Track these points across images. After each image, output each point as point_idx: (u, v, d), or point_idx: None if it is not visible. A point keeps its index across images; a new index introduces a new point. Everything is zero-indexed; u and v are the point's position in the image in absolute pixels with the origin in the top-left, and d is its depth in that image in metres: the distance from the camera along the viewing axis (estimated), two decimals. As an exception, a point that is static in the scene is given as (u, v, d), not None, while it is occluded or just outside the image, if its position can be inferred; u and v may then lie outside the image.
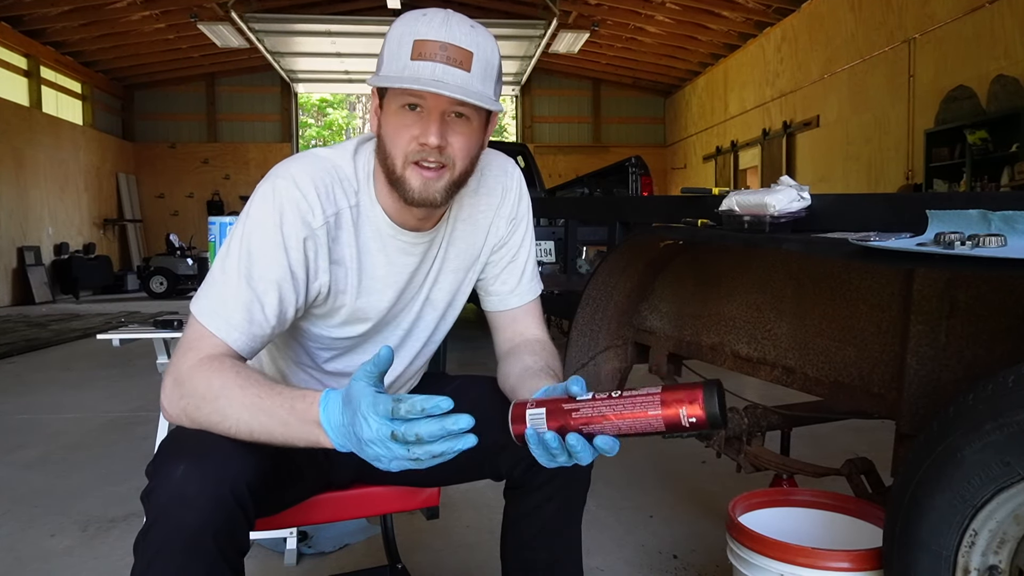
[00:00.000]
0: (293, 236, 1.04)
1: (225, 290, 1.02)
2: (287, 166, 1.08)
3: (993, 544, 1.02)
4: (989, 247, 1.00)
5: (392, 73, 1.00)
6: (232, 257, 1.03)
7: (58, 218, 11.51)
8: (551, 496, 1.21)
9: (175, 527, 0.90)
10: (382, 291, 1.16)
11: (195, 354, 0.98)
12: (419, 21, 1.01)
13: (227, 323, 1.00)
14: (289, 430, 0.92)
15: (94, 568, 2.00)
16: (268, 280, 1.02)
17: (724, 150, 12.01)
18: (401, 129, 1.03)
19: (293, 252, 1.04)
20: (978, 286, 1.30)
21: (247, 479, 0.95)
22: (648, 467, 2.77)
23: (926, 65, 7.05)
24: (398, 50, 1.01)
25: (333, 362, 1.23)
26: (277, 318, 1.04)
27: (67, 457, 3.04)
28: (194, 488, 0.91)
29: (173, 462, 0.94)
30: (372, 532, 2.17)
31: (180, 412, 0.97)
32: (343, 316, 1.15)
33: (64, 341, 6.48)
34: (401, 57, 1.00)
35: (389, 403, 0.85)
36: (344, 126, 26.66)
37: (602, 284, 2.07)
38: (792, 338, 1.70)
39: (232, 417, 0.93)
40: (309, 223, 1.05)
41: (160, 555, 0.91)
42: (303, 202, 1.04)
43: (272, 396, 0.93)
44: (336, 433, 0.89)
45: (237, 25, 10.29)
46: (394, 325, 1.23)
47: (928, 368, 1.34)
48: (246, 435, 0.94)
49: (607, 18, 11.02)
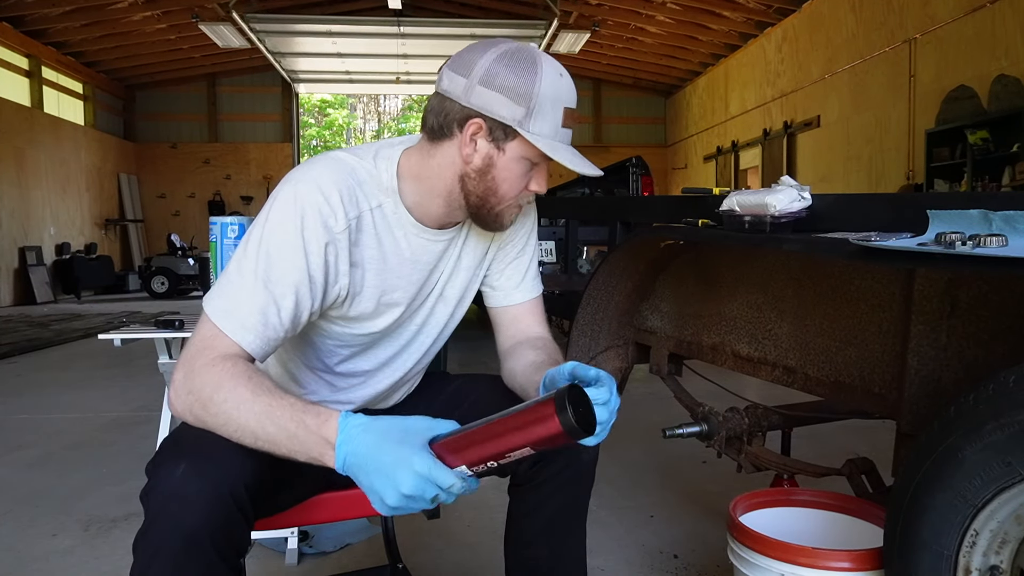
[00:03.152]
0: (314, 241, 1.03)
1: (241, 292, 1.01)
2: (308, 170, 1.07)
3: (994, 544, 1.02)
4: (990, 247, 1.00)
5: (546, 132, 1.06)
6: (249, 259, 1.02)
7: (60, 218, 11.52)
8: (555, 494, 1.21)
9: (173, 527, 0.90)
10: (405, 288, 1.17)
11: (210, 353, 0.97)
12: (561, 82, 1.07)
13: (241, 325, 0.99)
14: (295, 443, 0.91)
15: (95, 568, 2.00)
16: (286, 284, 1.02)
17: (725, 150, 12.01)
18: (520, 177, 1.10)
19: (313, 257, 1.03)
20: (979, 286, 1.30)
21: (246, 480, 0.95)
22: (649, 467, 2.77)
23: (927, 65, 7.05)
24: (552, 113, 1.05)
25: (346, 363, 1.23)
26: (292, 322, 1.04)
27: (68, 457, 3.04)
28: (193, 488, 0.91)
29: (172, 462, 0.94)
30: (373, 532, 2.17)
31: (186, 408, 0.96)
32: (363, 313, 1.15)
33: (65, 341, 6.49)
34: (554, 121, 1.06)
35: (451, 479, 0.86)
36: (345, 126, 26.66)
37: (603, 284, 2.07)
38: (793, 338, 1.70)
39: (238, 422, 0.93)
40: (331, 228, 1.04)
41: (158, 555, 0.91)
42: (325, 206, 1.04)
43: (283, 407, 0.92)
44: (353, 458, 0.88)
45: (238, 25, 10.29)
46: (409, 322, 1.24)
47: (929, 368, 1.34)
48: (250, 441, 0.93)
49: (608, 18, 11.02)
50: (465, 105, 1.05)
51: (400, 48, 11.60)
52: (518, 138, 1.06)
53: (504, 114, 1.04)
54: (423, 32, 10.86)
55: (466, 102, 1.05)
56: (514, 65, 1.04)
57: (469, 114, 1.05)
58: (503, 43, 1.07)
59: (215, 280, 2.06)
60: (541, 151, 1.05)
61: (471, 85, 1.04)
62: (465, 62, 1.06)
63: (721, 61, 12.08)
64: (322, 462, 0.90)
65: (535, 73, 1.04)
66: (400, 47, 11.54)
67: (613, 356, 2.21)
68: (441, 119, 1.08)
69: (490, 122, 1.05)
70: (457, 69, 1.06)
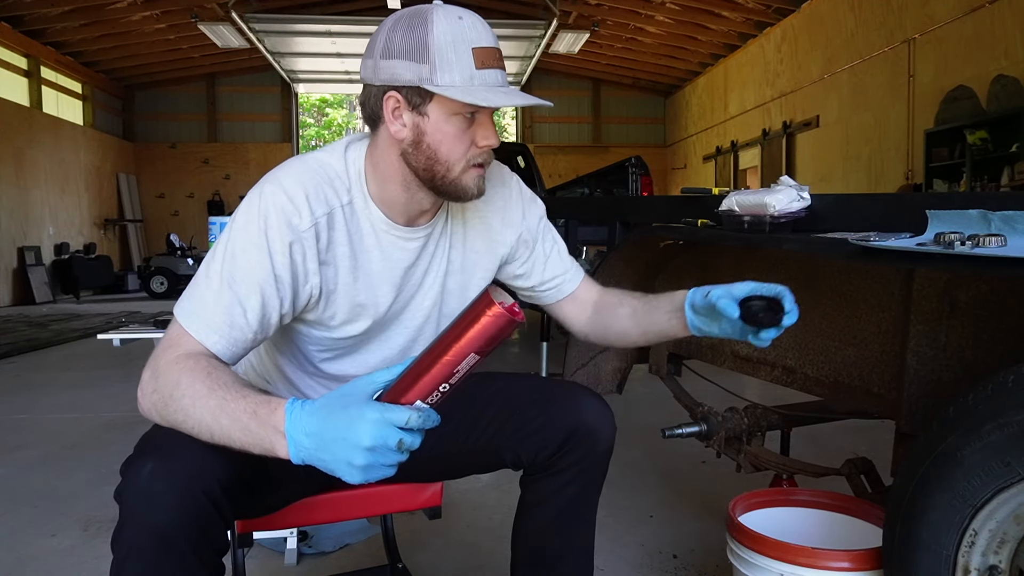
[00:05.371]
0: (278, 240, 1.03)
1: (207, 293, 1.01)
2: (275, 172, 1.08)
3: (993, 544, 1.02)
4: (989, 247, 1.00)
5: (457, 81, 1.00)
6: (216, 261, 1.03)
7: (59, 218, 11.51)
8: (569, 483, 1.21)
9: (143, 525, 0.90)
10: (379, 287, 1.15)
11: (174, 351, 0.98)
12: (461, 24, 1.01)
13: (207, 326, 1.00)
14: (247, 435, 0.90)
15: (95, 568, 2.00)
16: (250, 283, 1.01)
17: (724, 150, 12.01)
18: (457, 136, 1.04)
19: (278, 256, 1.03)
20: (978, 286, 1.30)
21: (219, 476, 0.94)
22: (648, 467, 2.77)
23: (926, 65, 7.05)
24: (458, 58, 1.00)
25: (333, 363, 1.22)
26: (260, 323, 1.03)
27: (68, 457, 3.04)
28: (160, 486, 0.91)
29: (142, 460, 0.94)
30: (372, 532, 2.17)
31: (151, 407, 0.97)
32: (341, 316, 1.14)
33: (64, 341, 6.48)
34: (464, 65, 1.00)
35: (405, 413, 0.85)
36: (344, 126, 26.66)
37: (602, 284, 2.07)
38: (792, 338, 1.70)
39: (194, 417, 0.92)
40: (296, 226, 1.04)
41: (131, 554, 0.91)
42: (288, 205, 1.04)
43: (237, 400, 0.91)
44: (307, 439, 0.87)
45: (237, 25, 10.29)
46: (398, 324, 1.21)
47: (928, 368, 1.34)
48: (207, 437, 0.92)
49: (607, 18, 11.02)
50: (377, 84, 1.04)
51: (400, 48, 11.59)
52: (435, 97, 1.02)
53: (409, 77, 1.01)
54: (422, 32, 10.84)
55: (377, 81, 1.04)
56: (405, 26, 1.02)
57: (383, 91, 1.04)
58: (397, 12, 1.05)
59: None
60: (459, 101, 1.00)
61: (376, 62, 1.03)
62: (369, 45, 1.06)
63: (720, 61, 12.08)
64: (275, 453, 0.89)
65: (426, 25, 1.00)
66: (400, 47, 11.53)
67: (612, 356, 2.21)
68: (367, 108, 1.07)
69: (403, 92, 1.03)
70: (365, 54, 1.06)
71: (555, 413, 1.20)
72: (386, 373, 0.90)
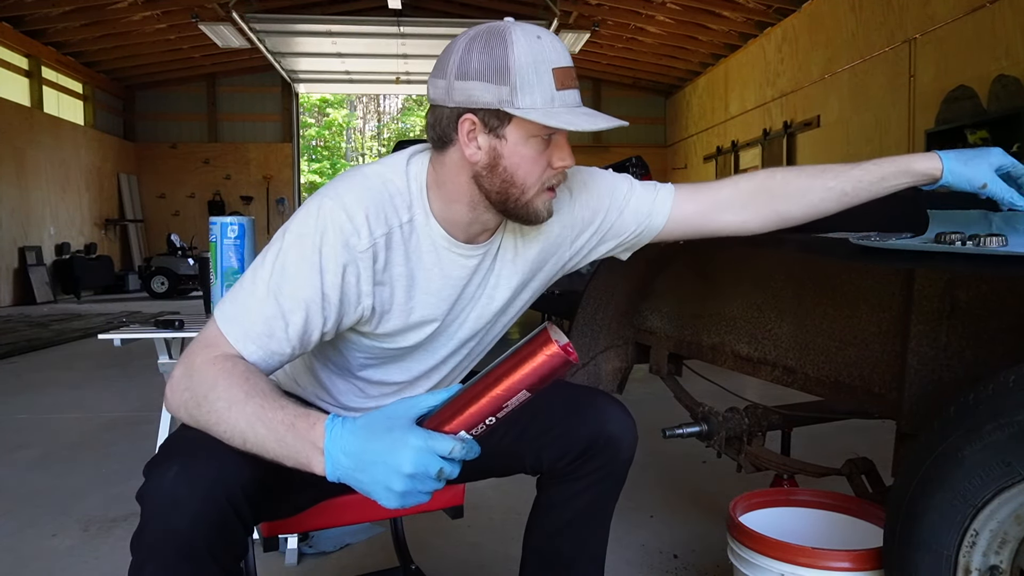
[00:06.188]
0: (332, 259, 0.99)
1: (251, 300, 0.98)
2: (335, 186, 1.04)
3: (994, 544, 1.02)
4: (990, 247, 1.00)
5: (539, 103, 0.98)
6: (265, 269, 0.99)
7: (59, 218, 11.53)
8: (588, 489, 1.21)
9: (165, 529, 0.89)
10: (436, 305, 1.12)
11: (211, 351, 0.95)
12: (541, 44, 0.99)
13: (245, 334, 0.97)
14: (283, 448, 0.87)
15: (95, 568, 2.00)
16: (296, 299, 0.98)
17: (725, 150, 12.01)
18: (535, 159, 1.02)
19: (329, 276, 1.00)
20: (978, 286, 1.29)
21: (242, 483, 0.93)
22: (648, 467, 2.77)
23: (927, 65, 7.04)
24: (539, 79, 0.98)
25: (375, 371, 1.19)
26: (300, 339, 1.00)
27: (68, 457, 3.04)
28: (184, 490, 0.90)
29: (167, 463, 0.92)
30: (373, 532, 2.17)
31: (180, 405, 0.94)
32: (393, 330, 1.11)
33: (65, 341, 6.49)
34: (546, 87, 0.98)
35: (449, 443, 0.83)
36: (344, 125, 26.67)
37: (602, 284, 2.07)
38: (793, 338, 1.70)
39: (228, 422, 0.90)
40: (353, 247, 1.00)
41: (152, 557, 0.91)
42: (348, 224, 1.00)
43: (275, 410, 0.89)
44: (345, 458, 0.85)
45: (238, 25, 10.29)
46: (444, 337, 1.18)
47: (929, 368, 1.34)
48: (239, 443, 0.89)
49: (607, 18, 11.02)
50: (451, 106, 1.00)
51: (400, 48, 11.61)
52: (513, 120, 0.99)
53: (488, 99, 0.98)
54: (423, 32, 10.86)
55: (451, 102, 1.00)
56: (482, 46, 0.98)
57: (458, 113, 1.00)
58: (471, 30, 1.02)
59: (214, 280, 2.07)
60: (542, 124, 0.98)
61: (450, 84, 1.00)
62: (441, 64, 1.02)
63: (721, 61, 12.08)
64: (310, 468, 0.87)
65: (506, 45, 0.97)
66: (400, 47, 11.55)
67: (613, 356, 2.21)
68: (438, 129, 1.03)
69: (480, 114, 0.99)
70: (436, 74, 1.02)
71: (578, 420, 1.20)
72: (431, 398, 0.88)
